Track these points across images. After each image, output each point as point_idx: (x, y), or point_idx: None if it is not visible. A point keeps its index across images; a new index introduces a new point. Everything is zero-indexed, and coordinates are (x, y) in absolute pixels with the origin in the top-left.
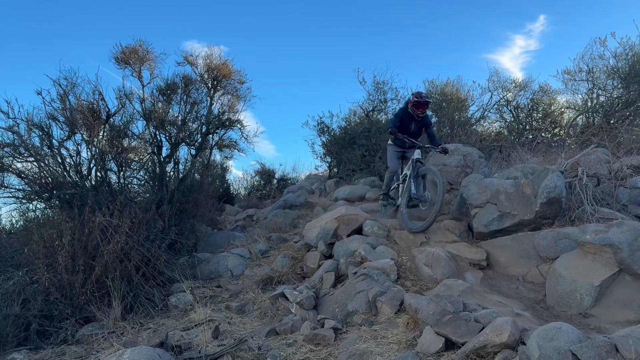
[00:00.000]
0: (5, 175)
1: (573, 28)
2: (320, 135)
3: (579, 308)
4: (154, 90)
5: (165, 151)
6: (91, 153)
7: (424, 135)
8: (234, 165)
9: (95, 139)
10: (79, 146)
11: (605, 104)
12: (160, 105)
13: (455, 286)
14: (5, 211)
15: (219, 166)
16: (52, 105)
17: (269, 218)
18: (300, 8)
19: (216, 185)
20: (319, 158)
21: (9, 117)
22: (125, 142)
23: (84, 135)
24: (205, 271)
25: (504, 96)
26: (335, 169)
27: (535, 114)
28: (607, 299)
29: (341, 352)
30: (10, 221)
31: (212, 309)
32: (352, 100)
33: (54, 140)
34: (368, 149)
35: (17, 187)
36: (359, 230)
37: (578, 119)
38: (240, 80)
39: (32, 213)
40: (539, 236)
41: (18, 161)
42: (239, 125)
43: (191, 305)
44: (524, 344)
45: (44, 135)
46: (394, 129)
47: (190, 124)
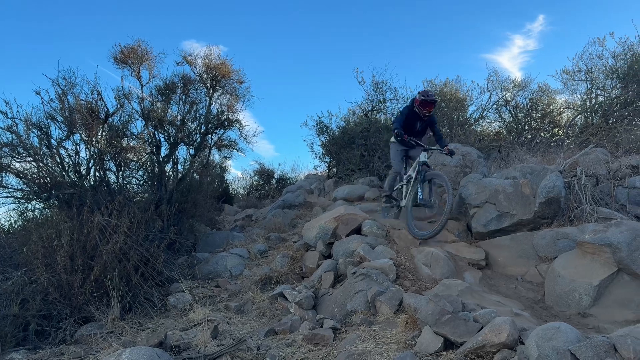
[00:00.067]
0: (4, 175)
1: (572, 28)
2: (319, 135)
3: (578, 308)
4: (153, 90)
5: (164, 151)
6: (90, 153)
7: (428, 135)
8: (233, 165)
9: (94, 139)
10: (78, 146)
11: (604, 104)
12: (159, 105)
13: (454, 286)
14: (3, 211)
15: (217, 166)
16: (51, 105)
17: (268, 218)
18: (300, 8)
19: (215, 185)
20: (318, 158)
21: (7, 117)
22: (124, 142)
23: (83, 135)
24: (204, 271)
25: (502, 96)
26: (334, 169)
27: (534, 114)
28: (606, 298)
29: (340, 352)
30: (8, 221)
31: (211, 308)
32: (351, 100)
33: (53, 140)
34: (367, 149)
35: (16, 187)
36: (358, 230)
37: (577, 118)
38: (239, 80)
39: (31, 213)
40: (538, 236)
41: (17, 161)
42: (238, 125)
43: (190, 305)
44: (522, 343)
45: (42, 135)
46: (400, 130)
47: (189, 124)
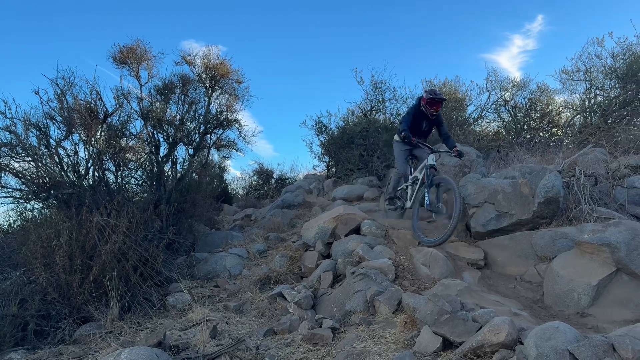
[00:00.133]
0: (3, 175)
1: (571, 28)
2: (318, 135)
3: (577, 307)
4: (152, 90)
5: (163, 151)
6: (89, 153)
7: (430, 136)
8: (232, 165)
9: (93, 139)
10: (77, 146)
11: (602, 104)
12: (158, 104)
13: (453, 286)
14: (2, 211)
15: (216, 166)
16: (50, 105)
17: (267, 218)
18: (300, 8)
19: (214, 184)
20: (317, 158)
21: (6, 117)
22: (123, 142)
23: (82, 135)
24: (203, 271)
25: (501, 96)
26: (333, 169)
27: (533, 114)
28: (605, 298)
29: (339, 352)
30: (7, 221)
31: (210, 308)
32: (350, 100)
33: (52, 140)
34: (366, 149)
35: (15, 187)
36: (357, 230)
37: (576, 118)
38: (238, 79)
39: (30, 213)
40: (537, 236)
41: (15, 161)
42: (237, 125)
43: (189, 305)
44: (521, 343)
45: (41, 135)
46: (408, 133)
47: (188, 124)
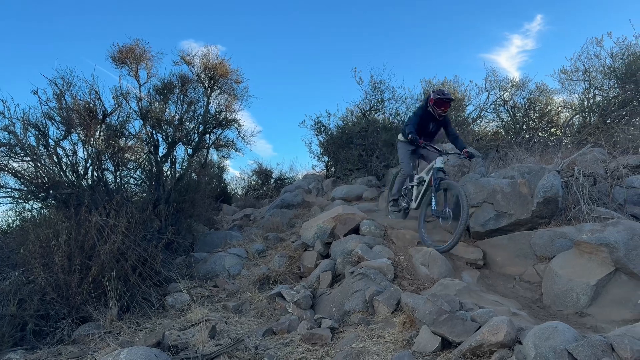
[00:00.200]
0: (2, 175)
1: (570, 28)
2: (317, 135)
3: (575, 307)
4: (151, 90)
5: (162, 151)
6: (87, 152)
7: (438, 138)
8: (231, 165)
9: (92, 139)
10: (76, 146)
11: (601, 104)
12: (157, 104)
13: (452, 285)
14: (1, 211)
15: (216, 166)
16: (49, 105)
17: (266, 217)
18: (300, 8)
19: (213, 184)
20: (316, 157)
21: (4, 117)
22: (122, 142)
23: (81, 135)
24: (202, 271)
25: (500, 96)
26: (332, 169)
27: (532, 114)
28: (603, 298)
29: (338, 352)
30: (6, 221)
31: (209, 308)
32: (350, 99)
33: (50, 140)
34: (365, 149)
35: (13, 187)
36: (356, 230)
37: (574, 118)
38: (237, 79)
39: (29, 213)
40: (536, 235)
41: (14, 161)
42: (236, 125)
43: (188, 305)
44: (520, 343)
45: (40, 135)
46: (415, 135)
47: (187, 124)
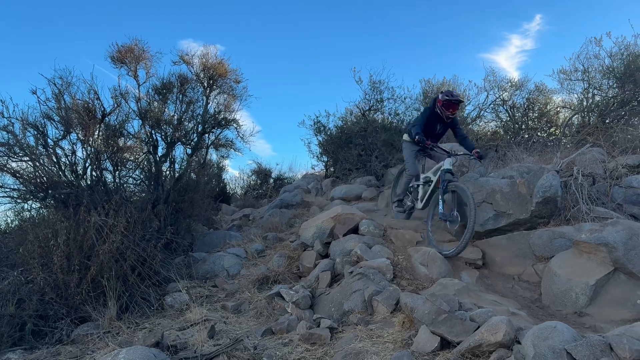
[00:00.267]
0: (0, 174)
1: (569, 28)
2: (316, 135)
3: (574, 307)
4: (150, 90)
5: (161, 150)
6: (86, 152)
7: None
8: (230, 165)
9: (91, 138)
10: (74, 145)
11: (600, 104)
12: (156, 104)
13: (450, 285)
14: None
15: (215, 165)
16: (47, 105)
17: (265, 217)
18: (300, 8)
19: (212, 184)
20: (316, 157)
21: (3, 117)
22: (121, 142)
23: (79, 135)
24: (201, 271)
25: (499, 96)
26: (331, 169)
27: (531, 114)
28: (602, 298)
29: (337, 352)
30: (5, 221)
31: (208, 308)
32: (349, 99)
33: (49, 140)
34: (364, 148)
35: (12, 187)
36: (355, 230)
37: (574, 118)
38: (236, 79)
39: (27, 213)
40: (535, 235)
41: (13, 160)
42: (235, 125)
43: (187, 305)
44: (519, 343)
45: (39, 135)
46: (422, 136)
47: (186, 123)
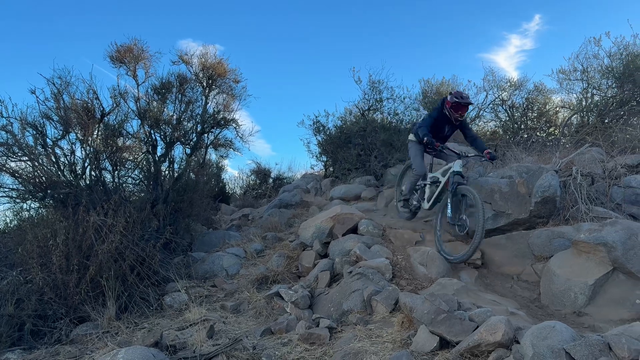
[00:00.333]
0: None
1: (568, 28)
2: (315, 135)
3: (573, 307)
4: (149, 89)
5: (160, 150)
6: (85, 152)
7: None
8: (230, 165)
9: (90, 138)
10: (73, 145)
11: (599, 104)
12: (155, 104)
13: (449, 285)
14: None
15: (214, 165)
16: (46, 104)
17: (264, 217)
18: (300, 8)
19: (211, 184)
20: (315, 157)
21: (2, 116)
22: (120, 141)
23: (78, 135)
24: (200, 271)
25: (499, 95)
26: (330, 168)
27: (530, 113)
28: (601, 297)
29: (336, 351)
30: (4, 221)
31: (207, 308)
32: (348, 99)
33: (48, 140)
34: (363, 148)
35: (11, 187)
36: (354, 230)
37: (573, 118)
38: (236, 79)
39: (26, 212)
40: (534, 235)
41: (12, 160)
42: (234, 125)
43: (186, 305)
44: (518, 342)
45: (37, 135)
46: (430, 138)
47: (185, 123)
